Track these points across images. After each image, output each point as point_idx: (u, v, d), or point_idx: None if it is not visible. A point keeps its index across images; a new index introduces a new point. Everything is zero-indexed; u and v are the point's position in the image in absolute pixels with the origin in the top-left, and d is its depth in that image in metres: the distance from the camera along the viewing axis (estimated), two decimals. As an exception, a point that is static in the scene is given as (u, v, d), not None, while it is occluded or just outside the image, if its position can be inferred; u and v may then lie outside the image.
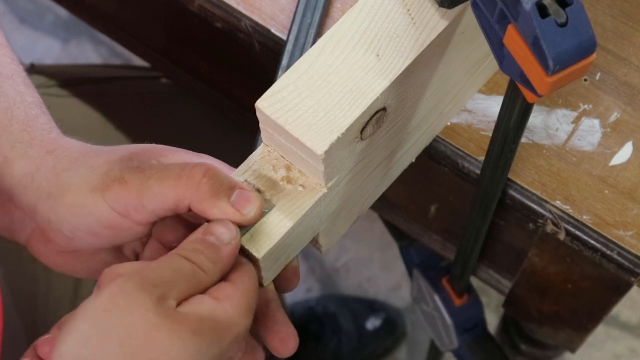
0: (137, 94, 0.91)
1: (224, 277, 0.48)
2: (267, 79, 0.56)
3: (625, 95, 0.64)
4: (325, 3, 0.63)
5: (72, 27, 1.77)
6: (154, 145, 0.53)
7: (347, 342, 1.49)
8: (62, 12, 1.75)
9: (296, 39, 0.62)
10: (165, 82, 0.92)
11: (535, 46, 0.41)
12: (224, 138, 0.91)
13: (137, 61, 0.98)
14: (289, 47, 0.61)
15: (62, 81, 0.88)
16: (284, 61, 0.61)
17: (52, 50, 1.76)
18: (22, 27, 1.79)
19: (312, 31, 0.62)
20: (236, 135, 0.89)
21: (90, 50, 1.77)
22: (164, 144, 0.54)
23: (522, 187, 0.62)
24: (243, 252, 0.50)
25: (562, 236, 0.61)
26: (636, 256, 0.60)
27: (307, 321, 1.50)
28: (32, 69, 0.89)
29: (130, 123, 0.87)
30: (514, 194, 0.62)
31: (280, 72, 0.60)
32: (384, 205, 0.77)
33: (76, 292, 0.85)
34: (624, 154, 0.62)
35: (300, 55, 0.60)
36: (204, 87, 0.84)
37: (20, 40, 1.76)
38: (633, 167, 0.62)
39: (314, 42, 0.61)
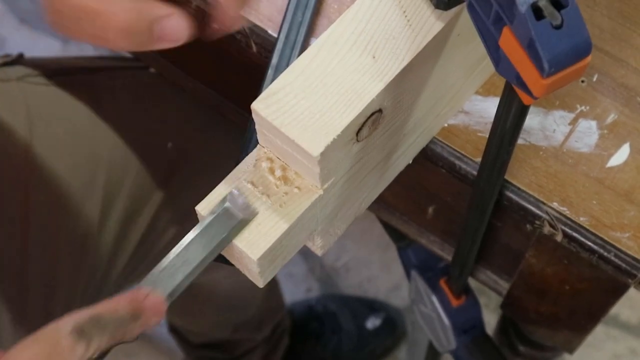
0: (124, 84, 0.91)
1: None
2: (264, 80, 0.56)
3: (622, 96, 0.64)
4: (316, 1, 0.63)
5: (72, 27, 1.77)
6: None
7: (347, 341, 1.49)
8: (62, 11, 1.74)
9: (287, 37, 0.61)
10: (154, 72, 0.92)
11: (531, 48, 0.41)
12: (211, 127, 0.91)
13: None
14: (279, 45, 0.61)
15: (50, 71, 0.88)
16: (274, 60, 0.60)
17: (52, 50, 1.76)
18: (22, 27, 1.79)
19: (303, 30, 0.61)
20: (222, 126, 0.89)
21: (90, 50, 1.77)
22: (150, 135, 0.52)
23: (519, 189, 0.62)
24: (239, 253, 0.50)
25: (559, 238, 0.61)
26: (633, 258, 0.60)
27: (307, 320, 1.50)
28: (20, 60, 0.89)
29: (118, 112, 0.87)
30: (511, 195, 0.62)
31: (269, 71, 0.60)
32: (382, 207, 0.77)
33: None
34: (621, 155, 0.62)
35: (291, 53, 0.60)
36: (202, 87, 0.84)
37: (20, 40, 1.76)
38: (630, 169, 0.62)
39: (304, 40, 0.61)
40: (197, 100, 0.89)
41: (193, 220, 0.90)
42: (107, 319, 0.44)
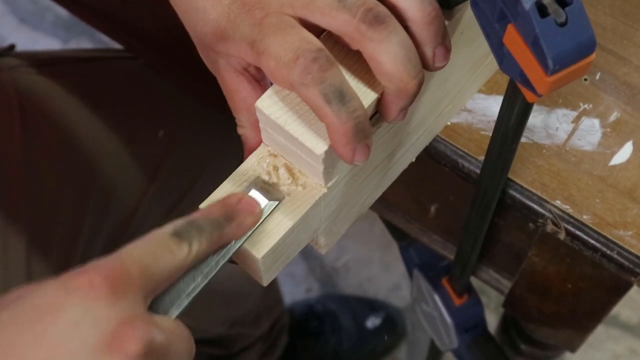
0: (114, 73, 0.91)
1: None
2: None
3: (625, 95, 0.64)
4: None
5: (72, 27, 1.77)
6: None
7: (347, 340, 1.49)
8: (62, 12, 1.75)
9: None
10: (142, 62, 0.92)
11: (535, 46, 0.41)
12: (203, 118, 0.91)
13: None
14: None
15: (41, 61, 0.88)
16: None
17: (52, 50, 1.76)
18: (22, 27, 1.79)
19: None
20: (213, 118, 0.89)
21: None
22: (140, 123, 0.51)
23: (522, 187, 0.62)
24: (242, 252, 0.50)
25: (562, 236, 0.61)
26: (636, 256, 0.60)
27: (307, 319, 1.50)
28: (12, 51, 0.89)
29: (108, 100, 0.87)
30: (514, 193, 0.62)
31: None
32: (384, 205, 0.77)
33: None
34: (624, 153, 0.62)
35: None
36: (208, 88, 0.84)
37: (20, 40, 1.76)
38: (633, 167, 0.62)
39: None
40: (188, 92, 0.89)
41: (180, 209, 0.89)
42: (202, 222, 0.47)
